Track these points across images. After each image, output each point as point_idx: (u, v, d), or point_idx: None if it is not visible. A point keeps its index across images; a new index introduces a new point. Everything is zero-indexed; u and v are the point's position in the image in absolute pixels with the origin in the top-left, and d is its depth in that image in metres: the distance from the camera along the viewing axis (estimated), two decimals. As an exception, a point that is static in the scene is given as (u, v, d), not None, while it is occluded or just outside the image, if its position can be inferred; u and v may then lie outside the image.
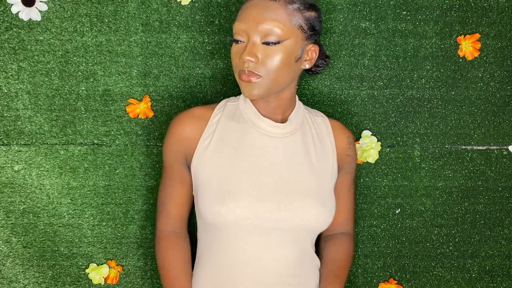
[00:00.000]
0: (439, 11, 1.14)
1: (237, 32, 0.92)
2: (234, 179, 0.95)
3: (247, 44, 0.91)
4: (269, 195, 0.94)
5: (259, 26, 0.89)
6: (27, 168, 1.19)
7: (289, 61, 0.92)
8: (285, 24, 0.89)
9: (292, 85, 0.99)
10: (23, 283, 1.26)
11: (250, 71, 0.90)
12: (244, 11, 0.92)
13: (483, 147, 1.22)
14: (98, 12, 1.12)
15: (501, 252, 1.28)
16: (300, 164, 0.98)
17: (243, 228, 0.94)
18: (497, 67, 1.18)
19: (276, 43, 0.90)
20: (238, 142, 0.98)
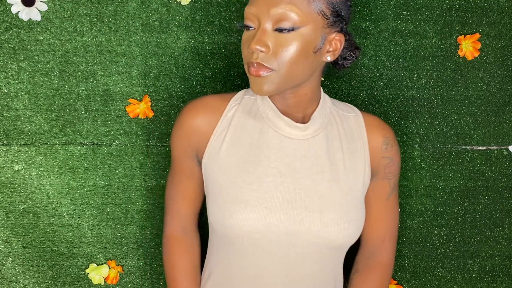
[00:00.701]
0: (439, 11, 1.14)
1: (247, 17, 0.79)
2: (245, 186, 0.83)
3: (257, 31, 0.78)
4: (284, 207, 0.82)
5: (271, 9, 0.75)
6: (27, 168, 1.19)
7: (306, 52, 0.78)
8: (302, 9, 0.75)
9: (312, 80, 0.84)
10: (23, 283, 1.26)
11: (259, 63, 0.78)
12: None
13: (483, 147, 1.22)
14: (98, 12, 1.12)
15: (501, 252, 1.28)
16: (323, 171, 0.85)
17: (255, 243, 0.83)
18: (497, 67, 1.17)
19: (291, 30, 0.76)
20: (253, 143, 0.85)
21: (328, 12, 0.78)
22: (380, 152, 0.91)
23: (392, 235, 0.98)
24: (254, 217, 0.81)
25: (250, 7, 0.78)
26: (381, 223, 0.96)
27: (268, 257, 0.84)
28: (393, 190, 0.96)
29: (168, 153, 1.21)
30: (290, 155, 0.85)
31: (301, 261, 0.84)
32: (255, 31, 0.78)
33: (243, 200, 0.81)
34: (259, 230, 0.81)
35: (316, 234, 0.82)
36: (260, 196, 0.82)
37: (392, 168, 0.94)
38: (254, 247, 0.84)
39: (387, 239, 0.97)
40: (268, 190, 0.82)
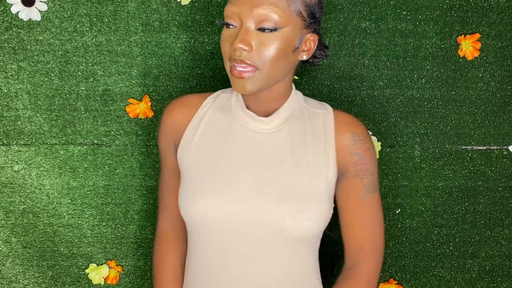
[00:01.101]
0: (439, 11, 1.14)
1: (228, 15, 0.81)
2: (210, 175, 0.86)
3: (240, 29, 0.80)
4: (245, 197, 0.84)
5: (254, 10, 0.78)
6: (27, 168, 1.19)
7: (286, 51, 0.82)
8: (283, 10, 0.79)
9: (286, 77, 0.88)
10: (23, 283, 1.26)
11: (242, 60, 0.80)
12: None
13: (483, 147, 1.22)
14: (98, 12, 1.12)
15: (501, 252, 1.28)
16: (285, 164, 0.87)
17: (217, 231, 0.86)
18: (497, 67, 1.17)
19: (273, 30, 0.79)
20: (222, 136, 0.89)
21: (305, 14, 0.82)
22: (348, 148, 0.90)
23: (372, 243, 0.92)
24: (215, 205, 0.84)
25: (232, 6, 0.81)
26: (357, 227, 0.92)
27: (229, 247, 0.86)
28: (369, 192, 0.91)
29: (168, 153, 1.21)
30: (254, 148, 0.88)
31: (261, 252, 0.86)
32: (237, 30, 0.81)
33: (206, 188, 0.85)
34: (220, 218, 0.84)
35: (273, 224, 0.84)
36: (223, 185, 0.85)
37: (363, 166, 0.90)
38: (219, 235, 0.86)
39: (366, 247, 0.92)
40: (230, 181, 0.86)
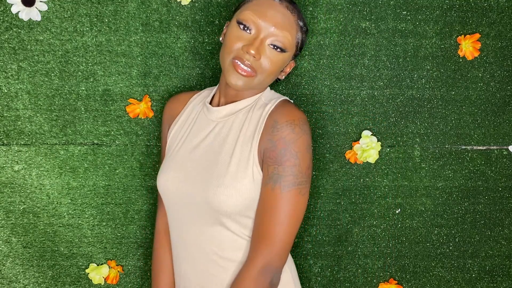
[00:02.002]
0: (439, 11, 1.14)
1: (249, 21, 0.91)
2: (175, 155, 1.00)
3: (256, 38, 0.91)
4: (192, 175, 0.95)
5: (277, 30, 0.91)
6: (27, 168, 1.19)
7: (279, 69, 0.96)
8: (292, 38, 0.93)
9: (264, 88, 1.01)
10: (23, 283, 1.26)
11: (249, 64, 0.90)
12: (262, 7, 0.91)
13: (483, 147, 1.22)
14: (98, 12, 1.12)
15: (501, 252, 1.28)
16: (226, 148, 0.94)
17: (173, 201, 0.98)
18: (497, 67, 1.17)
19: (282, 51, 0.92)
20: (190, 123, 1.03)
21: (299, 45, 0.98)
22: (267, 135, 0.90)
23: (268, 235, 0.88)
24: (170, 179, 0.98)
25: (256, 18, 0.91)
26: (258, 212, 0.90)
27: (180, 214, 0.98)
28: (272, 181, 0.88)
29: (168, 153, 1.21)
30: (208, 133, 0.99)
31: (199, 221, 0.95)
32: (251, 36, 0.91)
33: (169, 166, 0.99)
34: (173, 190, 0.97)
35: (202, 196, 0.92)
36: (179, 164, 0.98)
37: (272, 154, 0.88)
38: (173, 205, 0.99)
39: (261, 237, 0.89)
40: (186, 160, 0.98)
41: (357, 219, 1.25)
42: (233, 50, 0.91)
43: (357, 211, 1.25)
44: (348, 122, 1.21)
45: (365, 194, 1.24)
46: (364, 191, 1.24)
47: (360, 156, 1.21)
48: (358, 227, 1.26)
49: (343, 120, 1.21)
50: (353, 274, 1.28)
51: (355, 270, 1.28)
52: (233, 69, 0.91)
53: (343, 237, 1.27)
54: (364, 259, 1.27)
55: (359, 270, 1.28)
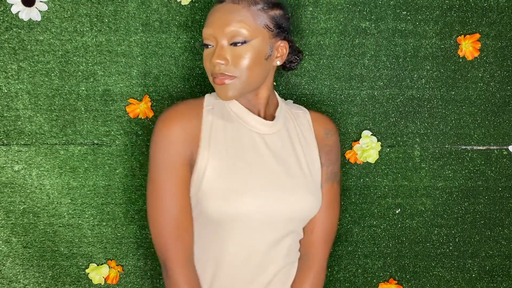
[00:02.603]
0: (439, 11, 1.14)
1: (205, 37, 0.94)
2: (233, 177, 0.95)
3: (216, 47, 0.93)
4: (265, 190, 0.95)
5: (225, 29, 0.91)
6: (27, 168, 1.19)
7: (259, 59, 0.94)
8: (250, 25, 0.92)
9: (267, 82, 1.00)
10: (23, 283, 1.26)
11: (222, 73, 0.92)
12: (210, 17, 0.94)
13: (483, 147, 1.22)
14: (98, 12, 1.12)
15: (501, 252, 1.28)
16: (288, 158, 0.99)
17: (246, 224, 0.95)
18: (497, 67, 1.17)
19: (243, 42, 0.92)
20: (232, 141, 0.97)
21: (272, 25, 0.95)
22: (322, 141, 1.04)
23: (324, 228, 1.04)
24: (245, 201, 0.93)
25: (207, 29, 0.94)
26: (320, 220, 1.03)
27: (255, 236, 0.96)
28: (329, 179, 1.04)
29: (168, 153, 1.21)
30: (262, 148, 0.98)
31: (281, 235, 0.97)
32: (214, 48, 0.94)
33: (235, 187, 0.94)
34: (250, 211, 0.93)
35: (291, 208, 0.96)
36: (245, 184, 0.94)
37: (330, 156, 1.04)
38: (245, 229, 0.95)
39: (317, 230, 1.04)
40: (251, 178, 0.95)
41: (357, 219, 1.25)
42: (208, 69, 0.95)
43: (357, 211, 1.25)
44: (348, 122, 1.21)
45: (365, 194, 1.24)
46: (364, 191, 1.24)
47: (360, 156, 1.21)
48: (358, 227, 1.26)
49: (343, 120, 1.21)
50: (353, 274, 1.28)
51: (355, 270, 1.28)
52: (215, 85, 0.94)
53: (343, 237, 1.27)
54: (364, 259, 1.27)
55: (359, 270, 1.28)
